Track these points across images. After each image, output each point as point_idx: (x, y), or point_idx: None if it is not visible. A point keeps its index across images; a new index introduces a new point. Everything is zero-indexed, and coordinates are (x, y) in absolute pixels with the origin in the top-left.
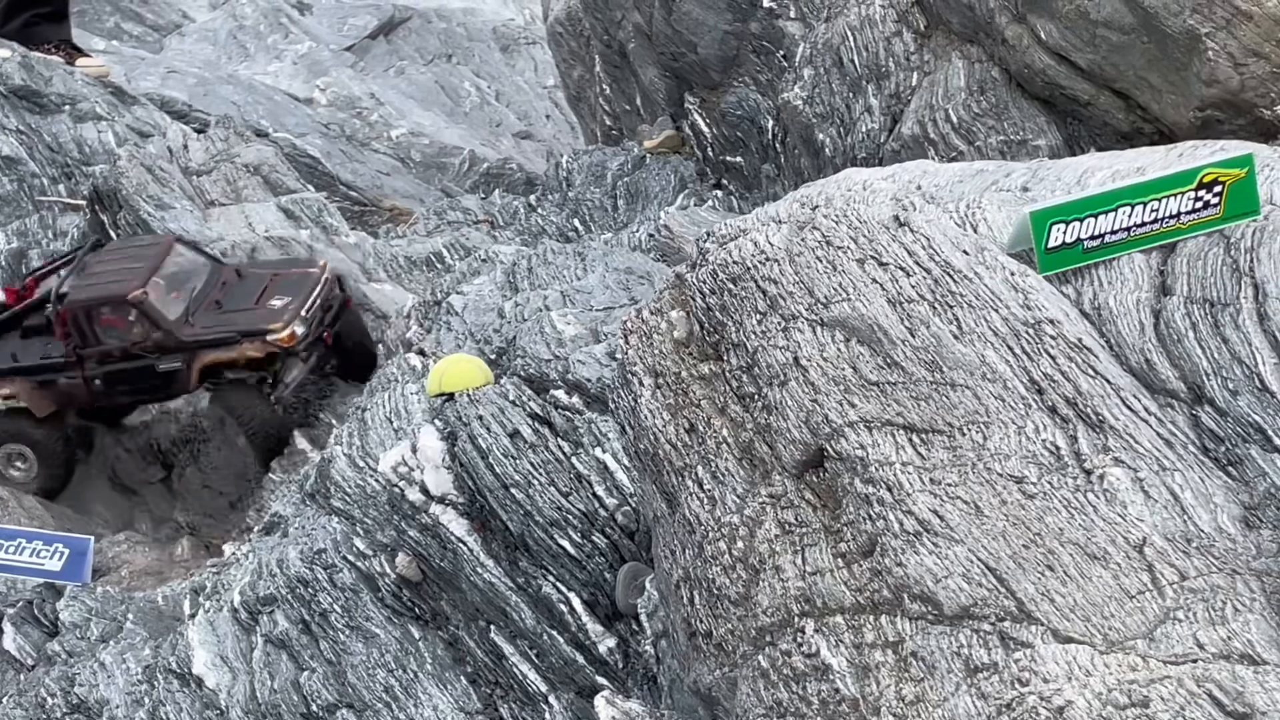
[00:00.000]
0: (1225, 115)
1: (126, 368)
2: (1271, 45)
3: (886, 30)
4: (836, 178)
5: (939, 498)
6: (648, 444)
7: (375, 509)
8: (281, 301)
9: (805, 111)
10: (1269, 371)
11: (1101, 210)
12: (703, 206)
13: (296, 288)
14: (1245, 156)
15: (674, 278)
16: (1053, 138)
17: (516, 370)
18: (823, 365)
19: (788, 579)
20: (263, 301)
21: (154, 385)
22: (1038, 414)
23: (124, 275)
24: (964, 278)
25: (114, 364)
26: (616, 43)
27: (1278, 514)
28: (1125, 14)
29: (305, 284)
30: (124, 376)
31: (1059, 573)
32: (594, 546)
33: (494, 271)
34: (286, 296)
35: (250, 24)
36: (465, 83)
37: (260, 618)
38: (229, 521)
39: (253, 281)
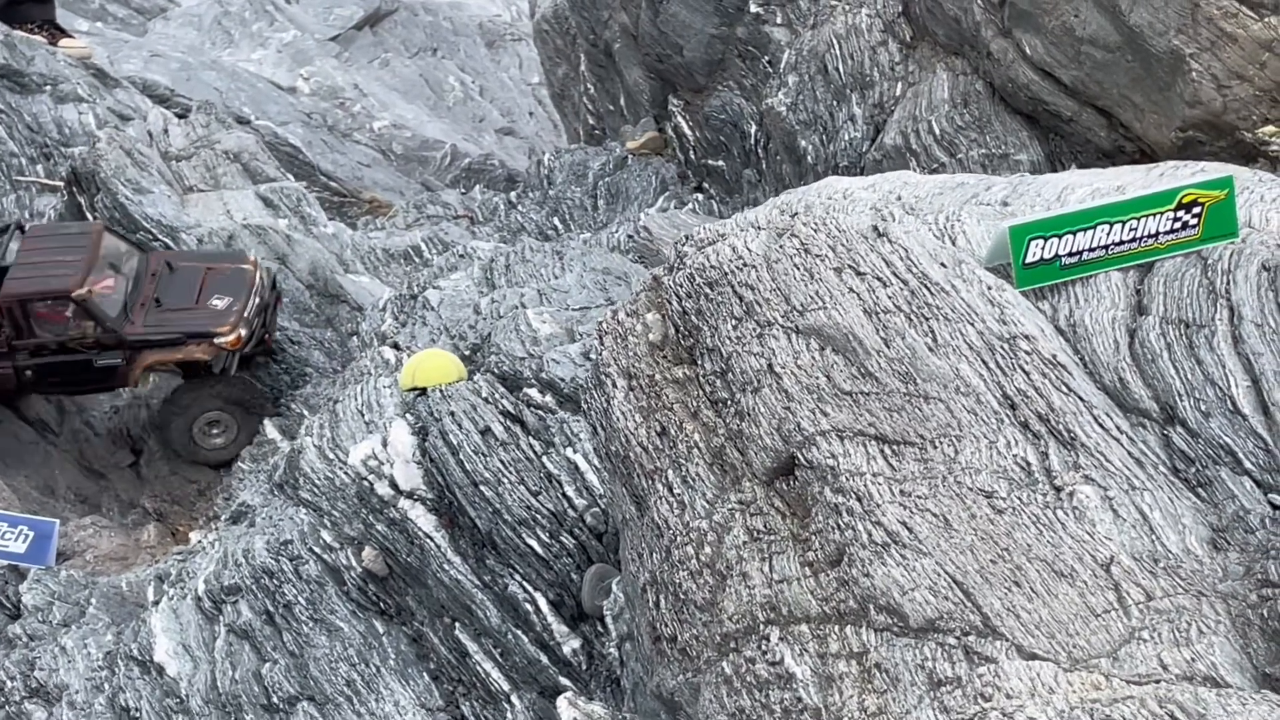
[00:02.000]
0: (1207, 136)
1: (61, 361)
2: (1255, 68)
3: (872, 40)
4: (817, 185)
5: (908, 510)
6: (619, 446)
7: (344, 501)
8: (224, 302)
9: (789, 118)
10: (1241, 394)
11: (1080, 227)
12: (683, 209)
13: (235, 286)
14: (1225, 179)
15: (651, 280)
16: (1034, 153)
17: (490, 367)
18: (796, 373)
19: (754, 586)
20: (203, 300)
21: (89, 379)
22: (1010, 429)
23: (61, 268)
24: (941, 290)
25: (48, 357)
26: (602, 42)
27: (1245, 537)
28: (1111, 32)
29: (243, 282)
30: (57, 369)
31: (1025, 589)
32: (562, 547)
33: (471, 267)
34: (227, 296)
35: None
36: (449, 77)
37: (224, 607)
38: (196, 509)
39: (187, 275)
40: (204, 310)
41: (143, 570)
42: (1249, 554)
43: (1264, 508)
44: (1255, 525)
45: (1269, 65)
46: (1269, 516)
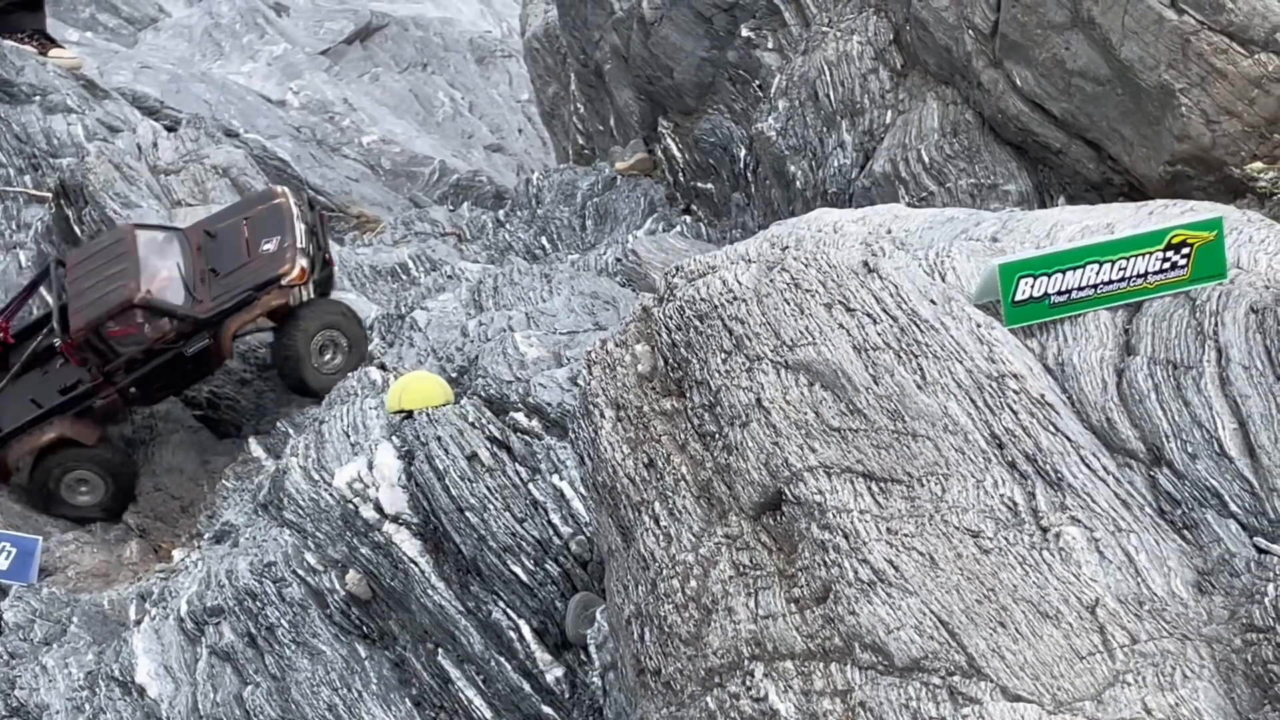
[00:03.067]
0: (1195, 171)
1: (156, 367)
2: (1244, 104)
3: (863, 67)
4: (808, 217)
5: (895, 548)
6: (606, 476)
7: (328, 524)
8: (273, 243)
9: (778, 143)
10: (1228, 437)
11: (1070, 266)
12: (671, 232)
13: (277, 224)
14: (1215, 220)
15: (640, 311)
16: (1023, 183)
17: (477, 390)
18: (785, 408)
19: (739, 621)
20: (253, 250)
21: (188, 371)
22: (997, 468)
23: (114, 282)
24: (930, 327)
25: (142, 367)
26: (593, 62)
27: (1230, 581)
28: (1101, 65)
29: (281, 216)
30: (157, 375)
31: (1011, 630)
32: (546, 574)
33: (459, 289)
34: (274, 236)
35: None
36: (439, 92)
37: (206, 628)
38: (180, 526)
39: (228, 235)
40: (259, 259)
41: (125, 588)
42: (1234, 598)
43: (1249, 551)
44: (1240, 569)
45: (1258, 101)
46: (1254, 560)
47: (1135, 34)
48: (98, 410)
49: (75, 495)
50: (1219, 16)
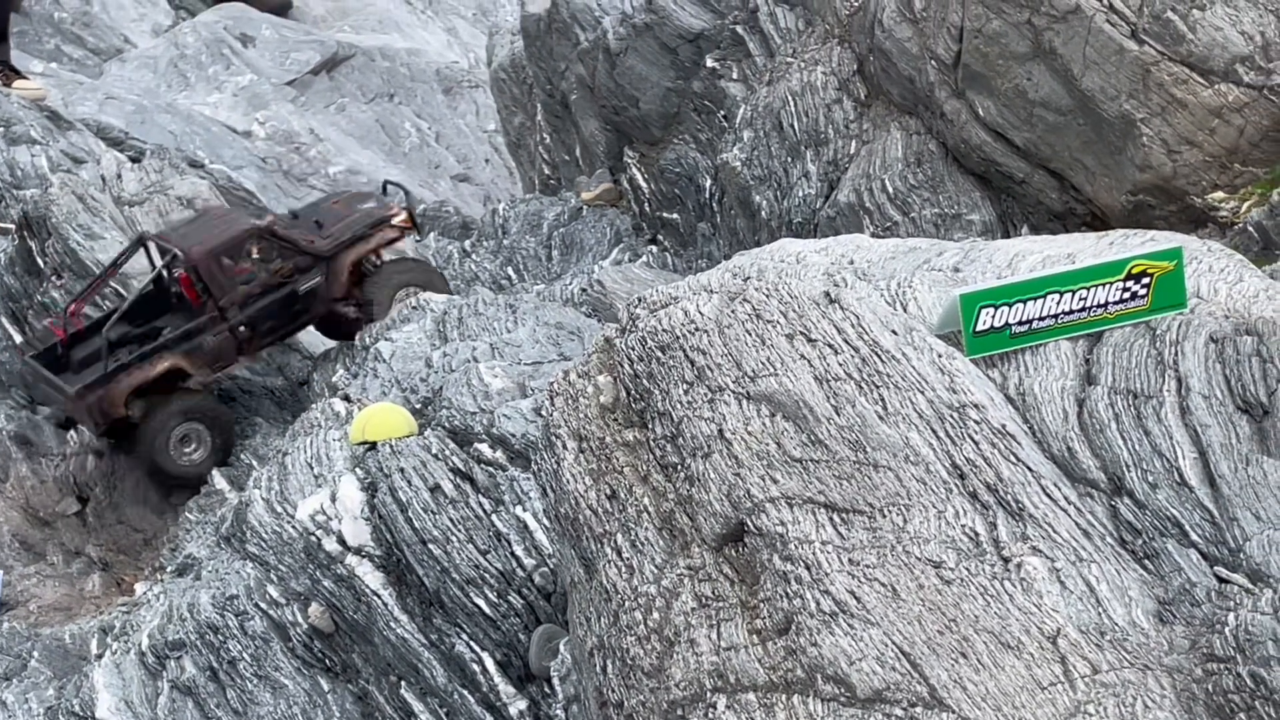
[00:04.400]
0: (1157, 201)
1: (270, 302)
2: (1205, 134)
3: (827, 97)
4: (771, 248)
5: (857, 579)
6: (568, 508)
7: (291, 556)
8: (370, 203)
9: (743, 173)
10: (1188, 466)
11: (1030, 296)
12: (637, 262)
13: (365, 199)
14: (1175, 250)
15: (603, 342)
16: (986, 213)
17: (441, 421)
18: (747, 439)
19: (702, 653)
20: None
21: (297, 310)
22: (958, 499)
23: (230, 222)
24: (892, 358)
25: (256, 303)
26: (559, 93)
27: (1191, 610)
28: (1063, 95)
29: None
30: (269, 313)
31: (972, 660)
32: (510, 606)
33: (424, 319)
34: (368, 202)
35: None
36: (406, 123)
37: (168, 663)
38: (142, 559)
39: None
40: (361, 213)
41: (86, 622)
42: (1194, 627)
43: (1210, 581)
44: (1201, 598)
45: (1219, 131)
46: (1215, 590)
47: (1096, 64)
48: (209, 348)
49: (182, 454)
50: (1179, 47)
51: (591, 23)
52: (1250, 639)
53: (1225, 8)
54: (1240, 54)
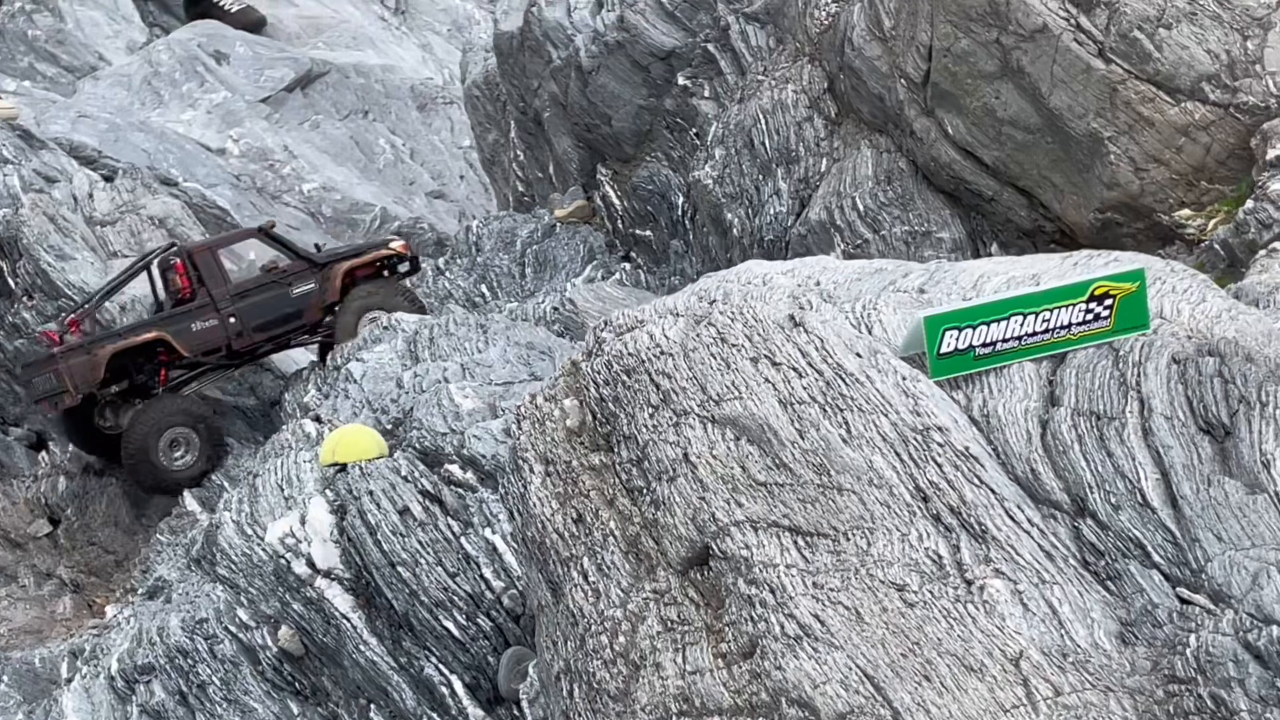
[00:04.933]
0: (1124, 218)
1: (261, 299)
2: (1171, 152)
3: (798, 115)
4: (737, 270)
5: (821, 602)
6: (535, 532)
7: (261, 579)
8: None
9: (715, 190)
10: (1150, 487)
11: (994, 318)
12: (609, 280)
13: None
14: (1137, 271)
15: (569, 365)
16: (956, 231)
17: (412, 442)
18: (712, 463)
19: (667, 677)
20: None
21: (288, 315)
22: (922, 521)
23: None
24: (856, 381)
25: (248, 297)
26: (532, 110)
27: (1153, 631)
28: (1031, 114)
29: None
30: (259, 308)
31: (936, 683)
32: (478, 629)
33: (395, 339)
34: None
35: (166, 70)
36: (380, 139)
37: (137, 687)
38: (114, 581)
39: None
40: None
41: (57, 645)
42: (1156, 649)
43: (1172, 602)
44: (1163, 619)
45: (1185, 149)
46: (1176, 611)
47: (1064, 83)
48: (196, 331)
49: (172, 460)
50: (1146, 66)
51: (564, 40)
52: (1211, 660)
53: (1191, 26)
54: (1206, 72)
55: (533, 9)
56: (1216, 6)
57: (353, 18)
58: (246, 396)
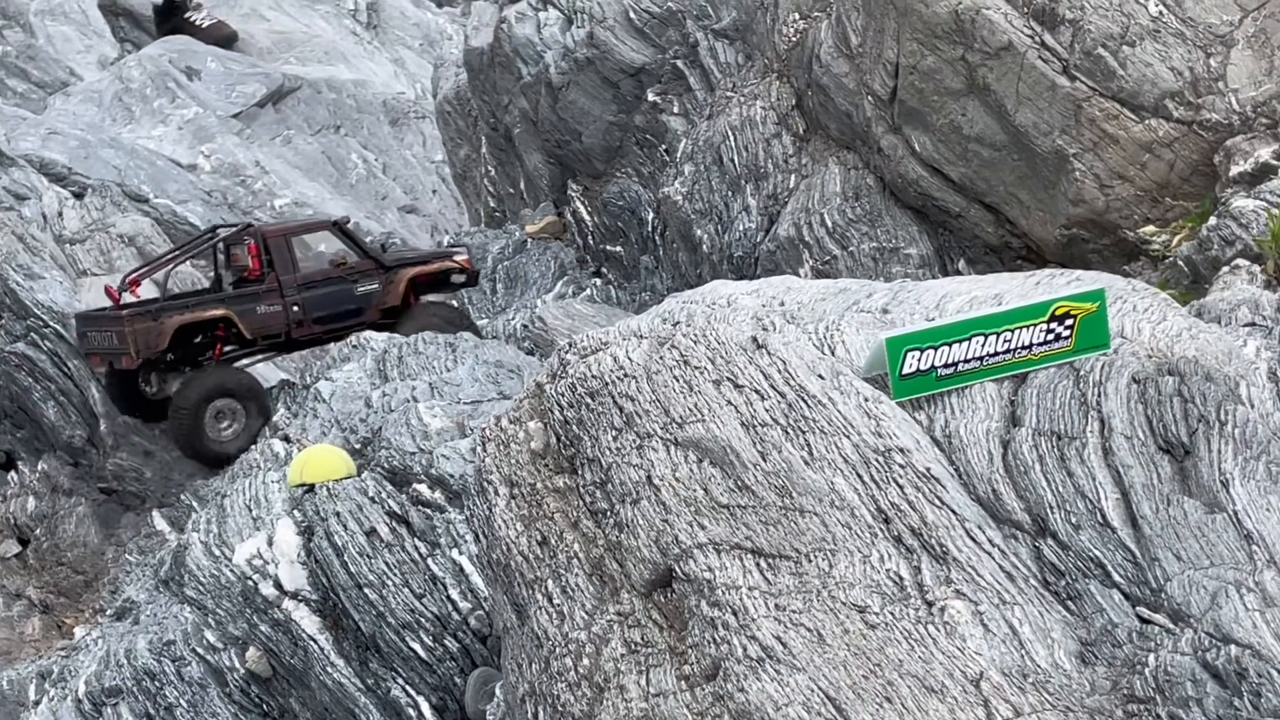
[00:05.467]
0: (1090, 234)
1: (326, 291)
2: (1136, 169)
3: (766, 132)
4: (703, 290)
5: (783, 624)
6: (500, 554)
7: (229, 600)
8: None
9: (684, 207)
10: (1110, 507)
11: (956, 339)
12: (579, 296)
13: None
14: (1097, 291)
15: (534, 387)
16: (924, 247)
17: (380, 461)
18: (675, 485)
19: (631, 699)
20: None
21: (349, 310)
22: (884, 543)
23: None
24: (818, 403)
25: (314, 289)
26: (503, 126)
27: (1112, 651)
28: (997, 131)
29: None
30: (323, 299)
31: (897, 705)
32: (445, 650)
33: (364, 358)
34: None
35: (137, 86)
36: (352, 154)
37: (104, 709)
38: (83, 601)
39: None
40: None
41: (25, 667)
42: (1116, 668)
43: (1132, 621)
44: (1123, 639)
45: (1149, 166)
46: (1136, 630)
47: (1029, 100)
48: (260, 314)
49: (218, 431)
50: (1110, 83)
51: (534, 57)
52: (1170, 679)
53: (1155, 44)
54: (1170, 90)
55: (503, 25)
56: (1180, 24)
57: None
58: None
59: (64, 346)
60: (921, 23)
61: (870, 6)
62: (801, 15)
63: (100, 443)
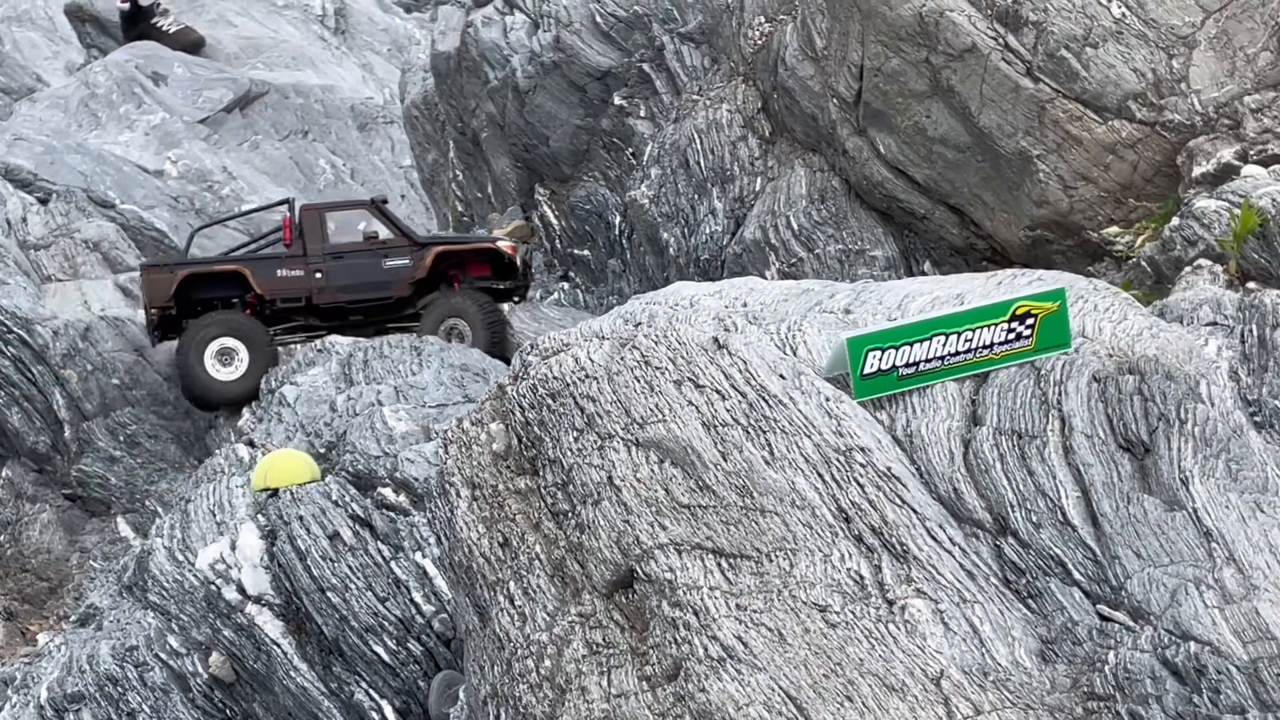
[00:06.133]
0: (1055, 236)
1: (352, 262)
2: (1100, 170)
3: (732, 135)
4: (665, 291)
5: (744, 624)
6: (462, 556)
7: (192, 605)
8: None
9: (651, 210)
10: (1071, 505)
11: (917, 338)
12: (547, 300)
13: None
14: (1058, 291)
15: (495, 389)
16: (889, 249)
17: (345, 466)
18: (636, 486)
19: (593, 700)
20: None
21: (374, 282)
22: (844, 542)
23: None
24: (779, 403)
25: (340, 258)
26: (470, 130)
27: (1073, 649)
28: (961, 132)
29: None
30: (347, 269)
31: (858, 704)
32: (409, 654)
33: (329, 362)
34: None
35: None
36: (320, 159)
37: (66, 716)
38: (47, 608)
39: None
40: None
41: None
42: (1076, 666)
43: (1092, 619)
44: (1083, 637)
45: (1113, 167)
46: (1096, 628)
47: (993, 102)
48: (279, 277)
49: (218, 370)
50: (1073, 84)
51: (500, 61)
52: (1129, 677)
53: (1118, 46)
54: (1133, 91)
55: (469, 30)
56: (1142, 26)
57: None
58: (181, 419)
59: (28, 352)
60: (885, 25)
61: (835, 9)
62: (767, 18)
63: (64, 449)
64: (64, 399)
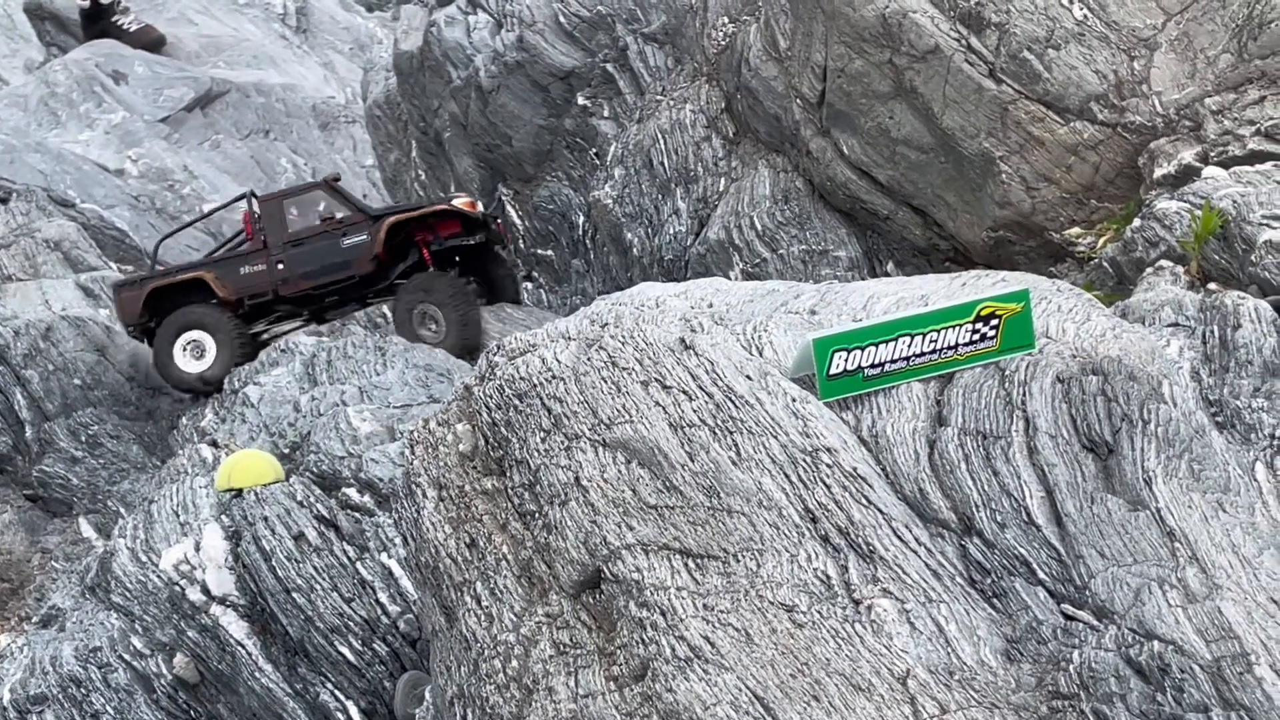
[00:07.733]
0: (1017, 236)
1: (312, 247)
2: (1061, 171)
3: (696, 135)
4: (631, 292)
5: (711, 624)
6: (428, 557)
7: (156, 606)
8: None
9: (615, 210)
10: (1035, 505)
11: (882, 339)
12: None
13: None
14: (1022, 292)
15: (462, 390)
16: (853, 249)
17: (310, 466)
18: (603, 486)
19: (560, 701)
20: None
21: (336, 265)
22: (811, 542)
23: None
24: (745, 403)
25: (300, 245)
26: (433, 130)
27: (1037, 648)
28: (924, 133)
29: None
30: (309, 254)
31: (825, 703)
32: (374, 654)
33: (293, 362)
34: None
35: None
36: (282, 159)
37: (30, 717)
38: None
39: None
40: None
41: None
42: (1041, 665)
43: (1057, 618)
44: (1048, 636)
45: (1075, 168)
46: (1060, 627)
47: (956, 103)
48: (243, 275)
49: (187, 361)
50: (1035, 86)
51: (463, 60)
52: (1094, 676)
53: (1079, 47)
54: (1095, 92)
55: (432, 29)
56: (1104, 28)
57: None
58: (144, 421)
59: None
60: (849, 26)
61: (798, 10)
62: (730, 19)
63: (26, 449)
64: (25, 399)
